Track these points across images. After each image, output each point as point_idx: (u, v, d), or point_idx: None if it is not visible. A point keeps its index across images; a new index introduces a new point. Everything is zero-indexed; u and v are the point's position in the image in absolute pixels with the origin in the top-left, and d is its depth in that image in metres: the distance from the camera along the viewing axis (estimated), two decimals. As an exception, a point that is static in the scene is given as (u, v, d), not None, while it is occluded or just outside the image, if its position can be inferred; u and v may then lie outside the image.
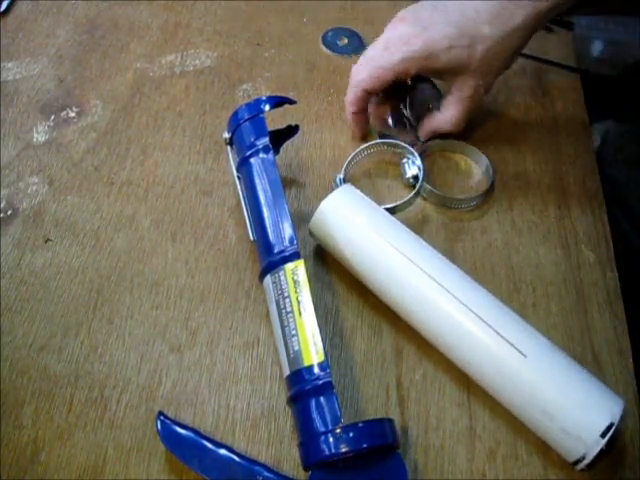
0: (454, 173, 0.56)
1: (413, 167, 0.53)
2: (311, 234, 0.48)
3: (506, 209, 0.54)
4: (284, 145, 0.53)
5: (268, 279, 0.42)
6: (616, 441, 0.41)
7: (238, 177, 0.48)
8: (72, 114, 0.57)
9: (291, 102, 0.49)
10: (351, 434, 0.36)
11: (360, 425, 0.36)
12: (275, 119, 0.53)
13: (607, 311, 0.48)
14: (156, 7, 0.68)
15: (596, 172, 0.57)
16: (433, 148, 0.57)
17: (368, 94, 0.53)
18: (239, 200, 0.48)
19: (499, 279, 0.49)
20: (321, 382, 0.37)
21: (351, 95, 0.53)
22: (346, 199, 0.46)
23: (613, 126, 0.70)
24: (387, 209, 0.48)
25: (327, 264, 0.49)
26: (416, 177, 0.53)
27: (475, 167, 0.57)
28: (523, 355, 0.39)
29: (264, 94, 0.60)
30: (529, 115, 0.61)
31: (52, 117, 0.57)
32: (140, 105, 0.59)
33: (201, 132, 0.57)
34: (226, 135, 0.49)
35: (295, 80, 0.62)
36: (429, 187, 0.53)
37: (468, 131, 0.57)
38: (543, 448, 0.41)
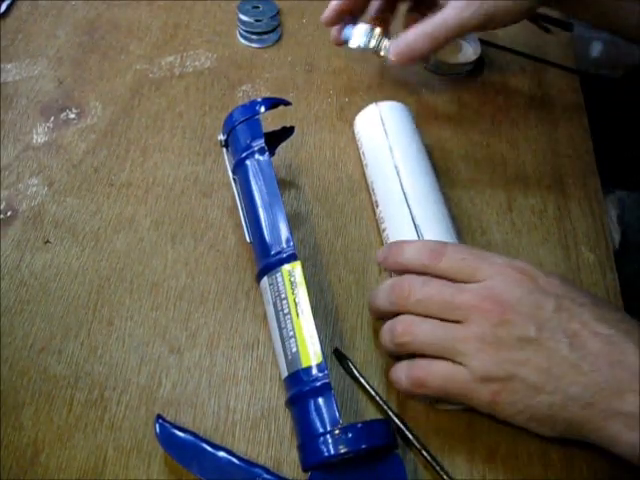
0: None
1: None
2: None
3: (505, 210, 0.54)
4: (283, 146, 0.53)
5: (265, 281, 0.42)
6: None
7: (234, 179, 0.48)
8: (72, 115, 0.57)
9: (286, 103, 0.49)
10: (349, 435, 0.36)
11: (359, 426, 0.36)
12: (274, 120, 0.53)
13: (607, 312, 0.48)
14: (155, 8, 0.68)
15: (596, 172, 0.57)
16: None
17: None
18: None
19: (499, 280, 0.49)
20: (319, 383, 0.37)
21: None
22: (404, 111, 0.54)
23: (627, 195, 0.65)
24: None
25: (325, 265, 0.49)
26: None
27: None
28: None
29: (264, 95, 0.60)
30: (529, 115, 0.61)
31: (52, 118, 0.57)
32: (140, 106, 0.59)
33: (201, 133, 0.57)
34: (221, 137, 0.49)
35: (295, 81, 0.62)
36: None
37: (466, 132, 0.57)
38: (543, 448, 0.41)
